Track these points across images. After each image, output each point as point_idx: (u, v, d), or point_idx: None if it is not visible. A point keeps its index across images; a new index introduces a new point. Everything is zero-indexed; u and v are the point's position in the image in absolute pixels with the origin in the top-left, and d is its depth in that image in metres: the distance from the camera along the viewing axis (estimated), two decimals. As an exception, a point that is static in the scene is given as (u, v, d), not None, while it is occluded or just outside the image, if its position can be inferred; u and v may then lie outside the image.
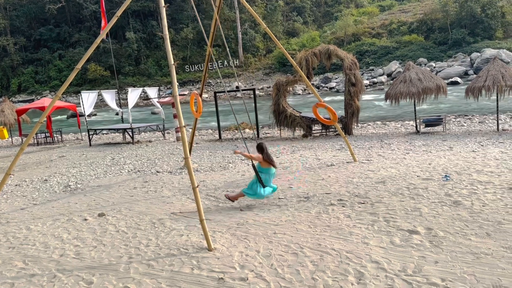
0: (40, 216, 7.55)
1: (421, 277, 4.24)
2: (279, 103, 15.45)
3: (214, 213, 6.91)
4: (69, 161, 14.03)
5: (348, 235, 5.47)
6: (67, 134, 24.20)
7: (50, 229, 6.74)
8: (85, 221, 6.98)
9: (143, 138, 19.30)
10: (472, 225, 5.50)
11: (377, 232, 5.51)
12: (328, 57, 15.11)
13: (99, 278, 4.77)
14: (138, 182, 9.85)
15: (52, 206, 8.27)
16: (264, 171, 6.90)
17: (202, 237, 5.64)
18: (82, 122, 21.32)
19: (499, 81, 12.83)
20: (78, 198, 8.77)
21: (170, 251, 5.38)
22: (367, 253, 4.90)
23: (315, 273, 4.48)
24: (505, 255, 4.59)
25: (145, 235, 6.10)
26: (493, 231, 5.25)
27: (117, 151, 15.64)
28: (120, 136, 20.08)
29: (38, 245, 6.02)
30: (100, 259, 5.33)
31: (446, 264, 4.49)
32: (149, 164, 12.29)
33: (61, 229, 6.66)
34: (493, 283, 4.04)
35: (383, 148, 11.87)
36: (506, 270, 4.26)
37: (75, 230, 6.55)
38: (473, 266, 4.41)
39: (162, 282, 4.56)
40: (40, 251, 5.78)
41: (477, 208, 6.07)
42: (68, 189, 9.80)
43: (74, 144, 19.32)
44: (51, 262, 5.33)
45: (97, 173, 11.47)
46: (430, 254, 4.76)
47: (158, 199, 8.16)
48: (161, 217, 6.91)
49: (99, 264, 5.18)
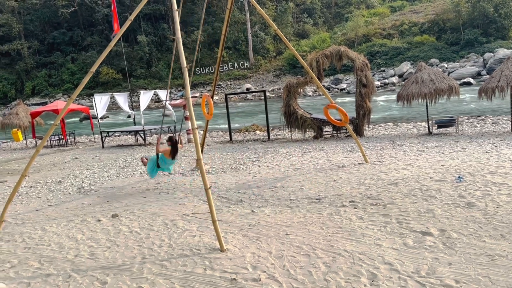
0: (55, 217, 7.66)
1: (434, 279, 4.22)
2: (290, 104, 15.46)
3: (226, 214, 6.94)
4: (83, 163, 14.20)
5: (360, 237, 5.46)
6: (80, 136, 24.48)
7: (65, 230, 6.83)
8: (99, 222, 7.07)
9: (155, 140, 19.44)
10: (486, 226, 5.45)
11: (390, 234, 5.49)
12: (339, 58, 15.09)
13: (113, 278, 4.83)
14: (150, 184, 9.93)
15: (66, 207, 8.38)
16: (163, 159, 8.77)
17: (214, 238, 5.67)
18: (95, 124, 21.55)
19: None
20: (91, 200, 8.88)
21: (183, 252, 5.43)
22: (380, 254, 4.88)
23: (328, 275, 4.48)
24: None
25: (158, 235, 6.15)
26: (507, 232, 5.20)
27: (130, 153, 15.78)
28: (132, 138, 20.26)
29: (53, 245, 6.11)
30: (114, 259, 5.39)
31: (460, 266, 4.46)
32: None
33: (75, 230, 6.75)
34: (508, 285, 4.00)
35: (395, 150, 11.80)
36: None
37: (89, 231, 6.63)
38: (487, 268, 4.37)
39: (175, 282, 4.60)
40: (55, 251, 5.87)
41: (491, 210, 6.01)
42: (82, 190, 9.92)
43: (87, 146, 19.54)
44: (66, 262, 5.41)
45: (110, 175, 11.59)
46: (443, 255, 4.73)
47: (171, 200, 8.22)
48: (173, 218, 6.96)
49: (113, 264, 5.24)
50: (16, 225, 7.39)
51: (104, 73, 55.87)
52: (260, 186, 8.71)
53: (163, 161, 8.78)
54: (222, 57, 9.88)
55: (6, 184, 11.49)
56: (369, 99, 14.92)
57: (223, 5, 55.87)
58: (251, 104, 41.07)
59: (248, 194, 8.16)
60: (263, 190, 8.31)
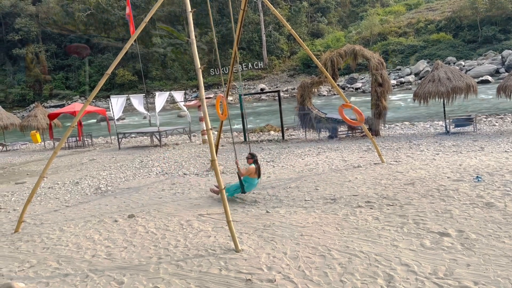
0: (72, 218, 7.77)
1: (452, 280, 4.15)
2: (304, 104, 15.41)
3: (241, 215, 6.95)
4: (99, 164, 14.38)
5: (376, 238, 5.41)
6: (97, 137, 24.80)
7: (82, 230, 6.92)
8: (116, 223, 7.14)
9: (170, 141, 19.58)
10: (506, 227, 5.34)
11: (407, 235, 5.43)
12: (354, 57, 14.98)
13: (130, 278, 4.87)
14: (166, 184, 10.00)
15: (84, 208, 8.50)
16: (249, 181, 7.67)
17: (229, 239, 5.68)
18: (111, 126, 21.81)
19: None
20: (108, 200, 8.98)
21: (198, 252, 5.45)
22: (396, 255, 4.82)
23: (344, 276, 4.45)
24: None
25: (174, 236, 6.19)
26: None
27: (145, 154, 15.92)
28: (148, 139, 20.44)
29: (70, 245, 6.20)
30: (131, 259, 5.44)
31: (479, 267, 4.38)
32: (176, 166, 12.46)
33: (92, 231, 6.83)
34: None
35: (411, 149, 11.66)
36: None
37: (106, 232, 6.71)
38: (507, 269, 4.28)
39: (191, 282, 4.62)
40: (72, 251, 5.95)
41: (510, 210, 5.89)
42: (99, 191, 10.04)
43: (104, 148, 19.78)
44: (84, 262, 5.48)
45: (126, 176, 11.71)
46: (461, 257, 4.66)
47: (186, 200, 8.26)
48: (189, 218, 7.00)
49: (130, 264, 5.29)
50: (35, 225, 7.52)
51: (120, 75, 56.47)
52: (275, 186, 8.69)
53: (249, 184, 7.71)
54: (237, 58, 9.89)
55: (25, 185, 11.70)
56: (385, 98, 14.77)
57: (236, 5, 56.00)
58: (265, 104, 41.05)
59: (262, 194, 8.15)
60: (277, 191, 8.29)
